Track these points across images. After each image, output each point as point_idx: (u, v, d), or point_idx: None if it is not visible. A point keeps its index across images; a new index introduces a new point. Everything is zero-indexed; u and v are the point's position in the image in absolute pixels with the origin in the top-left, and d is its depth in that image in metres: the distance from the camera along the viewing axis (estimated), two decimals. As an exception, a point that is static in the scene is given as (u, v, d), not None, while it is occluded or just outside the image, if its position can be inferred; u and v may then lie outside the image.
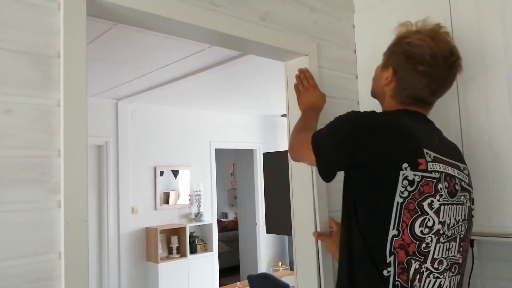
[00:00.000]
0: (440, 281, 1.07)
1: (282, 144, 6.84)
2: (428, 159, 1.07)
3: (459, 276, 1.13)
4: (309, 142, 1.16)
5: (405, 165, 1.03)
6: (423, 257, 1.04)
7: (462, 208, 1.14)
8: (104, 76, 4.12)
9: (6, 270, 0.90)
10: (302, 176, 1.61)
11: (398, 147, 1.06)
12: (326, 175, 1.14)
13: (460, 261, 1.13)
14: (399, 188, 1.02)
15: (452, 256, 1.10)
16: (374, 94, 1.33)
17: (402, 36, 1.21)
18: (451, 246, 1.09)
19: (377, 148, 1.05)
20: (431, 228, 1.04)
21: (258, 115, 6.76)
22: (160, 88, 4.54)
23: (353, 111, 1.16)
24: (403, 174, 1.02)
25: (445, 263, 1.08)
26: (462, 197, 1.15)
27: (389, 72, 1.21)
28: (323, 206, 1.58)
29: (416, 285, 1.03)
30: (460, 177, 1.16)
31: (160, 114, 5.62)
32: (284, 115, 5.91)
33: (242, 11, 1.43)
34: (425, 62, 1.13)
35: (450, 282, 1.09)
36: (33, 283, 0.93)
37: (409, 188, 1.03)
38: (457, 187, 1.13)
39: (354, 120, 1.12)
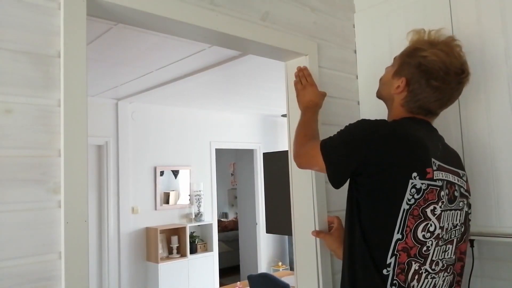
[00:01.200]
0: (435, 281, 1.10)
1: (282, 144, 6.84)
2: (434, 167, 1.09)
3: (452, 276, 1.17)
4: (318, 150, 1.18)
5: (414, 174, 1.05)
6: (423, 259, 1.07)
7: (460, 213, 1.17)
8: (104, 76, 4.11)
9: (6, 270, 0.90)
10: (302, 176, 1.61)
11: (409, 156, 1.08)
12: (337, 182, 1.15)
13: (455, 263, 1.17)
14: (407, 196, 1.05)
15: (448, 258, 1.14)
16: (381, 97, 1.33)
17: (417, 48, 1.21)
18: (447, 249, 1.13)
19: (390, 156, 1.08)
20: (432, 233, 1.08)
21: (258, 115, 6.76)
22: (160, 88, 4.53)
23: (363, 120, 1.17)
24: (412, 183, 1.05)
25: (440, 264, 1.11)
26: (461, 202, 1.18)
27: (401, 82, 1.22)
28: (322, 206, 1.58)
29: (414, 285, 1.06)
30: (460, 184, 1.19)
31: (160, 114, 5.62)
32: (284, 115, 5.91)
33: (242, 11, 1.43)
34: (439, 77, 1.15)
35: (443, 281, 1.13)
36: (33, 283, 0.93)
37: (415, 196, 1.05)
38: (456, 194, 1.16)
39: (367, 128, 1.14)
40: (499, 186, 1.38)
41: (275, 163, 2.83)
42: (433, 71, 1.15)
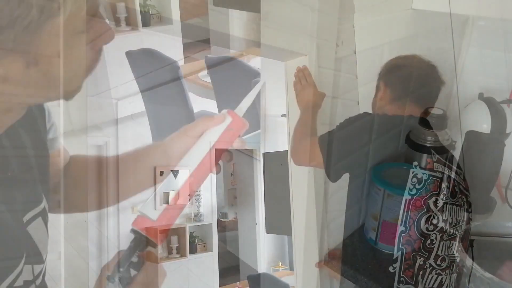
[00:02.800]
0: (442, 278, 1.10)
1: (282, 144, 6.83)
2: (434, 159, 1.11)
3: (455, 274, 1.16)
4: (316, 144, 1.18)
5: (415, 163, 1.07)
6: (427, 253, 1.08)
7: (461, 209, 1.17)
8: (104, 76, 4.11)
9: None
10: (302, 176, 1.61)
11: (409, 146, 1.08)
12: (333, 175, 1.16)
13: (458, 260, 1.16)
14: (408, 185, 1.06)
15: (451, 254, 1.14)
16: None
17: None
18: (451, 245, 1.13)
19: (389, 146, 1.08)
20: (435, 226, 1.08)
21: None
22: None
23: (365, 112, 1.19)
24: (413, 172, 1.07)
25: (447, 261, 1.11)
26: (460, 199, 1.18)
27: (380, 88, 1.33)
28: (322, 206, 1.58)
29: (419, 281, 1.06)
30: (458, 181, 1.18)
31: (160, 114, 5.62)
32: (284, 115, 5.89)
33: (242, 10, 1.43)
34: (405, 63, 1.29)
35: (450, 279, 1.13)
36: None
37: (417, 186, 1.07)
38: (457, 189, 1.16)
39: (366, 121, 1.14)
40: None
41: (275, 163, 2.82)
42: (398, 61, 1.33)
